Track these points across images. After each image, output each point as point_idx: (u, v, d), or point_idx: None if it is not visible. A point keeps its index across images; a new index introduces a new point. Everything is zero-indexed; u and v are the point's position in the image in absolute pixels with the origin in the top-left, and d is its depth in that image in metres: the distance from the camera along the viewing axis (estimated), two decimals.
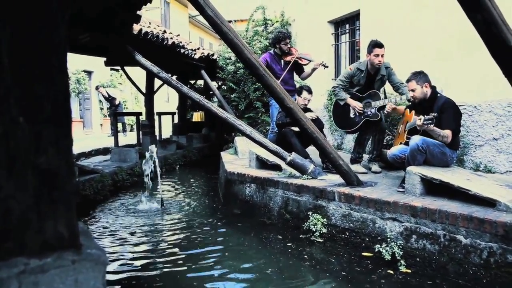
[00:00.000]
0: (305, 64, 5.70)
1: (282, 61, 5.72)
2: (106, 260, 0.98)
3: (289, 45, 5.71)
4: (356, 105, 4.76)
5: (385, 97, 4.78)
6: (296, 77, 6.02)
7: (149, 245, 3.92)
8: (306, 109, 5.17)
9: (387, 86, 5.00)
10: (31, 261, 0.86)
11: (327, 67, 5.39)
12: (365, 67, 4.74)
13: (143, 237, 4.15)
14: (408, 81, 3.91)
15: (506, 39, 1.91)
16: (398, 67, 4.89)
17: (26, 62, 0.88)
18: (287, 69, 5.61)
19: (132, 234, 4.26)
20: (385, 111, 4.62)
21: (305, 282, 3.05)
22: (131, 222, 4.72)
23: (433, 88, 3.88)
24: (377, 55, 4.56)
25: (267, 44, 8.45)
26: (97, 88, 13.77)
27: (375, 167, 4.85)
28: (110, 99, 13.56)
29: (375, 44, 4.58)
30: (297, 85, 5.87)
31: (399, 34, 5.89)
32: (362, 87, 4.84)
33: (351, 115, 4.86)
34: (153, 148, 5.58)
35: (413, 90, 3.88)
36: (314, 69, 5.51)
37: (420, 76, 3.84)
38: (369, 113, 4.72)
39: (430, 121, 3.44)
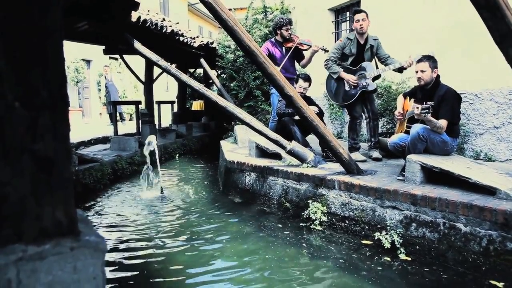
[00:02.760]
0: (305, 50, 5.63)
1: (283, 48, 5.67)
2: (105, 247, 0.97)
3: (289, 31, 5.65)
4: (350, 78, 4.78)
5: (377, 68, 4.82)
6: (297, 65, 5.97)
7: (148, 232, 3.92)
8: (307, 98, 5.14)
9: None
10: (29, 248, 0.85)
11: (327, 51, 5.28)
12: (353, 36, 4.83)
13: (143, 225, 4.16)
14: (419, 61, 3.84)
15: (510, 24, 1.89)
16: (398, 55, 4.85)
17: (20, 46, 0.86)
18: (287, 56, 5.56)
19: (132, 221, 4.27)
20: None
21: (304, 270, 3.06)
22: (131, 210, 4.73)
23: (438, 76, 3.84)
24: (358, 20, 4.71)
25: (267, 32, 8.39)
26: (106, 66, 13.63)
27: (376, 154, 4.85)
28: (110, 84, 13.38)
29: (354, 12, 4.83)
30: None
31: (400, 22, 5.84)
32: (354, 59, 4.85)
33: (346, 88, 4.86)
34: (152, 138, 5.56)
35: (422, 71, 3.81)
36: (314, 52, 5.39)
37: (432, 60, 3.80)
38: (364, 83, 4.74)
39: (427, 110, 3.42)
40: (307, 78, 5.16)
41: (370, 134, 5.01)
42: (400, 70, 4.62)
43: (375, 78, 4.80)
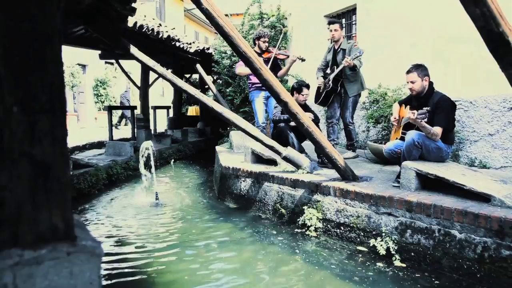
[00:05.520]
0: (283, 59, 6.02)
1: (261, 59, 5.77)
2: (101, 252, 0.97)
3: (267, 44, 5.99)
4: (319, 83, 5.46)
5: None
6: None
7: (143, 238, 3.90)
8: (303, 104, 5.15)
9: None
10: (26, 252, 0.85)
11: (304, 60, 5.59)
12: (331, 45, 5.48)
13: (137, 230, 4.14)
14: (408, 72, 3.84)
15: (504, 33, 1.91)
16: (393, 61, 4.89)
17: (20, 51, 0.86)
18: (268, 66, 5.71)
19: (126, 227, 4.25)
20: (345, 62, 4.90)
21: (298, 276, 3.05)
22: (125, 215, 4.71)
23: (431, 83, 3.86)
24: (331, 30, 5.33)
25: None
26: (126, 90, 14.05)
27: (347, 154, 5.44)
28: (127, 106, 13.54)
29: (329, 22, 5.50)
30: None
31: (395, 29, 5.88)
32: (331, 64, 5.42)
33: (320, 91, 5.51)
34: (148, 143, 5.56)
35: (412, 82, 3.81)
36: (292, 62, 5.69)
37: (421, 69, 3.79)
38: (327, 86, 5.32)
39: (424, 115, 3.43)
40: (309, 86, 5.24)
41: (346, 138, 5.69)
42: (353, 68, 5.02)
43: (336, 81, 5.26)
